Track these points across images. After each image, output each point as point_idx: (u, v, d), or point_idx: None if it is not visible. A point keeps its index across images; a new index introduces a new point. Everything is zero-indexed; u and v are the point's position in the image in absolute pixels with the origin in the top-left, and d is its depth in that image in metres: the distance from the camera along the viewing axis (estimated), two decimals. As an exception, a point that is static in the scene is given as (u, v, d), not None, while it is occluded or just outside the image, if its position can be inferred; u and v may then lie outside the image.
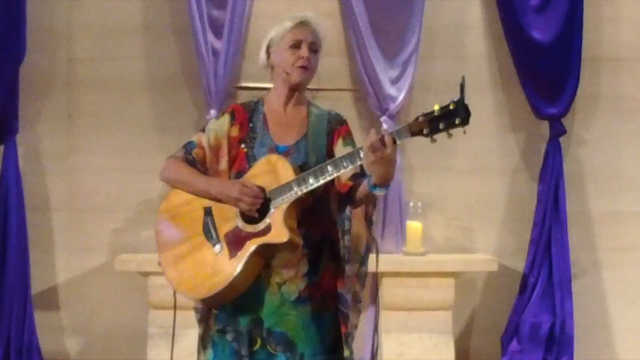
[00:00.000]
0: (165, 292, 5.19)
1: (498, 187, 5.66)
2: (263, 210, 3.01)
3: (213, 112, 5.43)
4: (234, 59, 5.49)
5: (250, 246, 3.00)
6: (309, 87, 3.28)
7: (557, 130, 5.55)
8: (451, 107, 2.80)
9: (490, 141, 5.63)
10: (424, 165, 5.49)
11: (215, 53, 5.48)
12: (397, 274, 5.20)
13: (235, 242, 3.02)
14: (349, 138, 3.19)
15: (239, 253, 3.01)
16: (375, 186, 2.93)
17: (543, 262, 5.51)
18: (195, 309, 3.22)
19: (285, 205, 2.98)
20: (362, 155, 2.88)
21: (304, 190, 2.97)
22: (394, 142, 2.83)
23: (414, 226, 5.42)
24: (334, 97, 5.27)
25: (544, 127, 5.60)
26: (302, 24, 3.16)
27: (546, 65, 5.50)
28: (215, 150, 3.16)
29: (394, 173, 2.92)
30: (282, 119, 3.18)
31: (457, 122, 2.79)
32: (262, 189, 3.01)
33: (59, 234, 5.65)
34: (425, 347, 5.25)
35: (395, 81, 5.52)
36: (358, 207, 3.14)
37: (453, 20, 5.66)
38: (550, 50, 5.49)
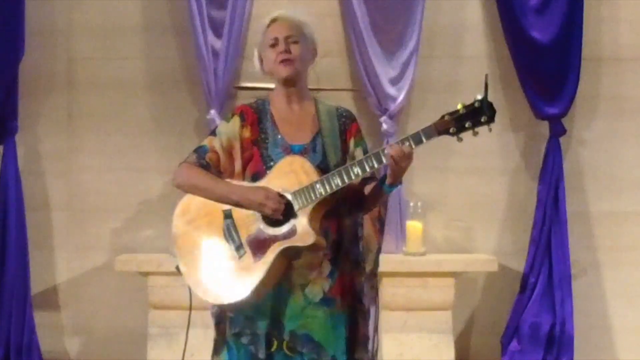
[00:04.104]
0: (165, 292, 5.24)
1: (498, 187, 5.66)
2: (286, 212, 2.99)
3: (213, 112, 5.43)
4: (234, 59, 5.49)
5: (275, 249, 2.98)
6: (309, 87, 3.27)
7: (557, 130, 5.56)
8: (476, 105, 2.85)
9: (490, 141, 5.61)
10: (424, 165, 5.47)
11: (215, 53, 5.48)
12: (397, 274, 5.20)
13: (259, 245, 3.00)
14: (359, 136, 3.19)
15: (264, 257, 2.99)
16: (391, 186, 2.96)
17: (543, 262, 5.51)
18: (212, 313, 3.18)
19: (310, 207, 2.97)
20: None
21: (329, 192, 2.96)
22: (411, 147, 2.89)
23: (414, 226, 5.42)
24: (334, 97, 5.27)
25: (544, 127, 5.60)
26: (275, 21, 3.17)
27: (546, 65, 5.50)
28: (229, 153, 3.13)
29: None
30: (291, 118, 3.16)
31: (483, 120, 2.85)
32: (281, 194, 2.99)
33: (59, 234, 5.65)
34: (425, 347, 5.25)
35: (395, 81, 5.52)
36: (369, 212, 3.14)
37: (453, 20, 5.66)
38: (550, 50, 5.49)
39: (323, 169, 3.03)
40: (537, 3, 5.49)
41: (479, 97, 2.86)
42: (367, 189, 3.08)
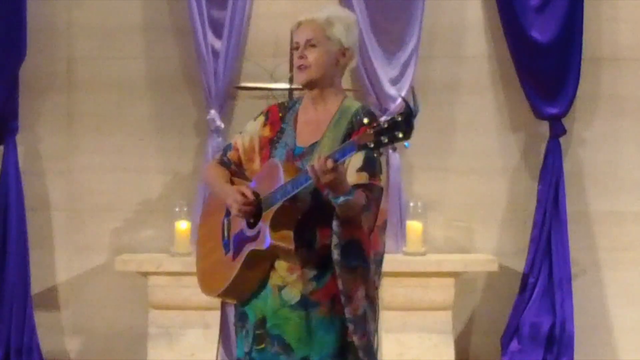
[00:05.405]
0: (165, 292, 5.24)
1: (498, 187, 5.66)
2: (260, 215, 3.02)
3: (213, 112, 5.43)
4: (234, 59, 5.49)
5: (246, 251, 3.02)
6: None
7: (557, 130, 5.55)
8: (398, 119, 2.67)
9: (490, 141, 5.63)
10: (424, 165, 5.48)
11: (215, 53, 5.48)
12: (397, 274, 5.19)
13: (239, 244, 3.05)
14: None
15: (238, 257, 3.04)
16: (335, 197, 2.86)
17: (543, 262, 5.51)
18: (234, 307, 3.27)
19: (270, 212, 2.96)
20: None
21: (282, 198, 2.93)
22: (336, 161, 2.77)
23: (414, 226, 5.41)
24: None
25: (544, 127, 5.60)
26: (298, 25, 3.15)
27: (546, 65, 5.50)
28: (250, 151, 3.18)
29: (343, 184, 2.85)
30: (312, 120, 3.13)
31: (399, 135, 2.66)
32: (257, 195, 3.01)
33: (59, 234, 5.65)
34: (425, 347, 5.25)
35: (395, 81, 5.52)
36: (354, 219, 2.99)
37: (453, 20, 5.66)
38: (550, 50, 5.49)
39: None
40: (538, 3, 5.48)
41: (403, 110, 2.67)
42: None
